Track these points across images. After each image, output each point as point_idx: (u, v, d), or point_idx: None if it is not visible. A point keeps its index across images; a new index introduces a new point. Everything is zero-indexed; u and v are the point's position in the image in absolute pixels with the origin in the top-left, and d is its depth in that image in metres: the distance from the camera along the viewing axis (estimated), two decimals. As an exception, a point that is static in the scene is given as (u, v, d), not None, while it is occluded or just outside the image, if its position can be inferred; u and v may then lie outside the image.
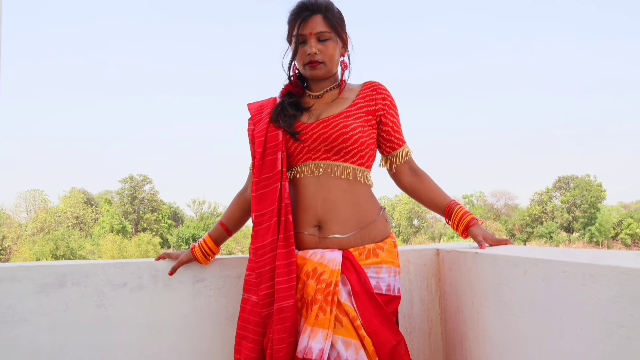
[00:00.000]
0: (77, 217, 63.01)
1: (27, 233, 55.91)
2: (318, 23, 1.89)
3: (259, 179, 1.90)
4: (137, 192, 67.04)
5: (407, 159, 2.03)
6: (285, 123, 1.91)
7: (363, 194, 1.91)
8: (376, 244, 1.89)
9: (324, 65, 1.92)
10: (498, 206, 66.94)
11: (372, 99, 1.96)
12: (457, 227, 1.97)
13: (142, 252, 46.01)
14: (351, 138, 1.86)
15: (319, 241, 1.87)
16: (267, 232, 1.85)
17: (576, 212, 62.07)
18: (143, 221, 65.46)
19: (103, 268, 2.12)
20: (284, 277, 1.79)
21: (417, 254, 2.17)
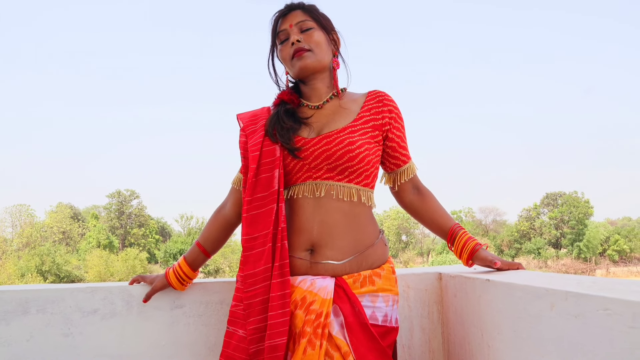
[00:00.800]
0: (63, 232, 62.37)
1: (13, 248, 55.19)
2: (297, 15, 1.78)
3: (252, 198, 1.71)
4: (124, 207, 66.56)
5: (411, 177, 1.87)
6: (283, 137, 1.72)
7: (364, 217, 1.74)
8: (373, 271, 1.70)
9: (312, 53, 1.75)
10: (486, 222, 67.09)
11: (379, 112, 1.79)
12: (461, 253, 1.80)
13: (129, 267, 45.47)
14: (357, 156, 1.69)
15: (310, 267, 1.68)
16: (260, 258, 1.66)
17: (564, 229, 62.32)
18: (130, 236, 64.89)
19: (71, 293, 1.94)
20: (278, 311, 1.59)
21: (418, 279, 1.99)
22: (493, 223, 66.87)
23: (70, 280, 46.04)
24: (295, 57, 1.75)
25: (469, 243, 1.79)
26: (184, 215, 64.08)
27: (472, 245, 1.78)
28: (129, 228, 65.54)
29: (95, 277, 44.00)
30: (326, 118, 1.78)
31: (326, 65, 1.80)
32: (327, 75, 1.83)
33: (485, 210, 67.37)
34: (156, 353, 1.95)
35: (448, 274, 1.90)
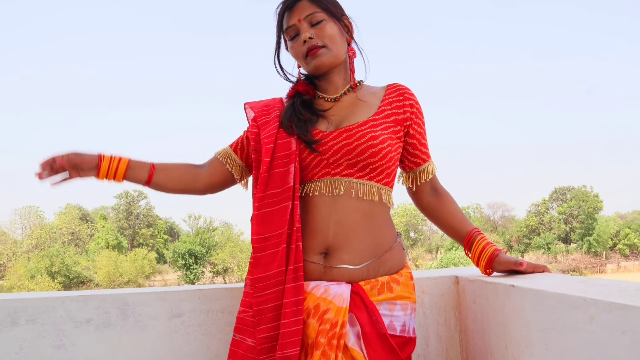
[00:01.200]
0: (72, 233, 62.55)
1: (23, 250, 55.42)
2: (305, 7, 1.63)
3: (265, 194, 1.57)
4: (132, 207, 66.63)
5: (431, 177, 1.74)
6: (300, 129, 1.59)
7: (382, 218, 1.61)
8: (390, 276, 1.57)
9: (327, 50, 1.62)
10: (495, 218, 66.68)
11: (400, 106, 1.67)
12: (479, 260, 1.68)
13: (137, 267, 45.52)
14: (380, 152, 1.56)
15: (324, 271, 1.55)
16: (273, 260, 1.52)
17: (573, 223, 61.86)
18: (139, 236, 64.99)
19: (63, 302, 1.81)
20: (291, 319, 1.46)
21: (433, 283, 1.85)
22: (502, 219, 66.46)
23: (79, 281, 46.18)
24: (310, 56, 1.62)
25: (488, 248, 1.66)
26: (192, 215, 64.04)
27: (491, 250, 1.65)
28: (137, 228, 65.67)
29: (104, 278, 44.11)
30: (344, 111, 1.65)
31: (341, 57, 1.67)
32: (344, 66, 1.70)
33: (494, 206, 66.99)
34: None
35: (466, 277, 1.76)
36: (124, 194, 66.48)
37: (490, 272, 1.68)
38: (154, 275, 49.90)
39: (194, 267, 45.65)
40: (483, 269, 1.67)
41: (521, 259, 1.62)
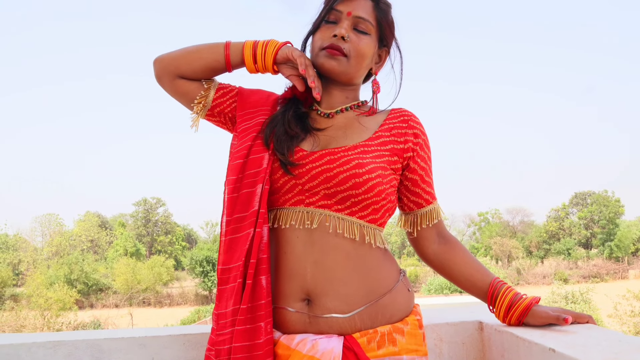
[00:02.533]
0: (91, 241, 63.11)
1: (43, 257, 55.98)
2: (365, 8, 1.41)
3: (231, 217, 1.36)
4: (150, 214, 67.02)
5: (436, 222, 1.48)
6: (280, 146, 1.36)
7: (373, 258, 1.36)
8: (393, 326, 1.33)
9: (346, 61, 1.39)
10: (514, 223, 65.79)
11: (401, 134, 1.43)
12: (508, 314, 1.44)
13: (155, 274, 45.54)
14: (365, 183, 1.32)
15: (309, 322, 1.31)
16: (231, 296, 1.31)
17: (594, 228, 60.90)
18: (157, 244, 65.30)
19: (29, 349, 1.61)
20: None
21: (453, 330, 1.59)
22: (521, 224, 65.56)
23: (98, 288, 46.36)
24: (327, 52, 1.40)
25: (519, 301, 1.41)
26: (210, 222, 64.21)
27: (525, 303, 1.40)
28: (155, 235, 66.00)
29: (122, 285, 44.23)
30: (336, 131, 1.42)
31: (354, 79, 1.45)
32: (354, 89, 1.49)
33: (513, 211, 66.08)
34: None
35: (493, 325, 1.50)
36: (142, 201, 66.94)
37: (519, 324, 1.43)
38: (172, 283, 49.94)
39: (212, 274, 45.63)
40: (515, 321, 1.43)
41: (565, 314, 1.36)
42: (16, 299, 41.61)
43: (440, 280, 31.12)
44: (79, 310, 35.79)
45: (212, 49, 1.47)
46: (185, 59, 1.47)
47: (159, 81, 1.52)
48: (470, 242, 64.03)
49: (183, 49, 1.49)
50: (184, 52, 1.48)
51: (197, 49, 1.48)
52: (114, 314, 34.01)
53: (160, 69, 1.50)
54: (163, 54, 1.51)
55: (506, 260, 54.60)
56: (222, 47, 1.46)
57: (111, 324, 29.63)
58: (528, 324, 1.42)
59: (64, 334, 1.69)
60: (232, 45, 1.47)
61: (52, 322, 26.91)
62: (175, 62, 1.48)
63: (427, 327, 1.58)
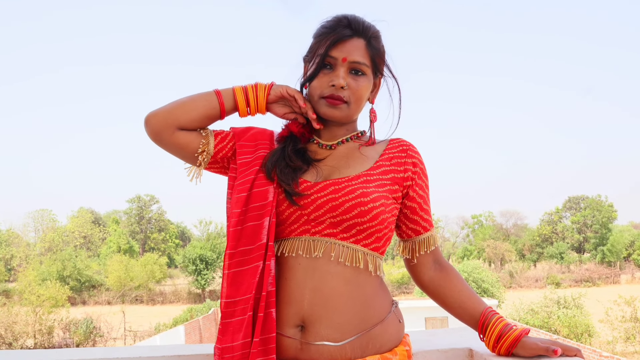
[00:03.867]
0: (84, 237, 62.95)
1: (36, 252, 55.79)
2: (359, 49, 1.44)
3: (235, 251, 1.39)
4: (144, 211, 66.83)
5: (433, 249, 1.54)
6: (284, 178, 1.40)
7: (370, 287, 1.41)
8: (381, 356, 1.37)
9: (347, 107, 1.44)
10: (507, 226, 66.00)
11: (401, 164, 1.48)
12: (498, 343, 1.48)
13: (148, 272, 45.43)
14: (370, 212, 1.37)
15: (301, 348, 1.35)
16: (240, 329, 1.34)
17: (587, 233, 61.14)
18: (150, 241, 65.13)
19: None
20: None
21: (443, 357, 1.65)
22: (514, 227, 65.77)
23: (91, 285, 46.23)
24: (328, 102, 1.44)
25: (510, 332, 1.45)
26: (203, 220, 64.10)
27: (515, 334, 1.45)
28: (149, 233, 65.81)
29: (115, 282, 44.11)
30: (337, 161, 1.47)
31: (356, 117, 1.51)
32: (353, 122, 1.53)
33: (506, 214, 66.28)
34: None
35: (482, 354, 1.55)
36: (136, 198, 66.71)
37: (508, 354, 1.48)
38: (165, 280, 49.86)
39: (205, 273, 45.54)
40: (504, 350, 1.48)
41: (554, 346, 1.42)
42: (8, 295, 41.45)
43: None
44: (71, 307, 35.66)
45: (205, 97, 1.49)
46: (182, 109, 1.47)
47: (156, 136, 1.49)
48: (464, 245, 64.14)
49: (175, 101, 1.49)
50: (179, 104, 1.48)
51: (191, 99, 1.49)
52: (106, 311, 33.97)
53: (158, 123, 1.47)
54: (154, 110, 1.48)
55: (499, 263, 54.78)
56: (214, 95, 1.49)
57: (103, 322, 29.55)
58: (517, 355, 1.46)
59: (59, 353, 1.73)
60: (223, 92, 1.50)
61: (44, 319, 26.83)
62: (172, 114, 1.47)
63: (418, 354, 1.63)
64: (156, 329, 28.21)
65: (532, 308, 24.58)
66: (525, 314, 24.24)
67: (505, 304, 28.71)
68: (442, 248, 65.14)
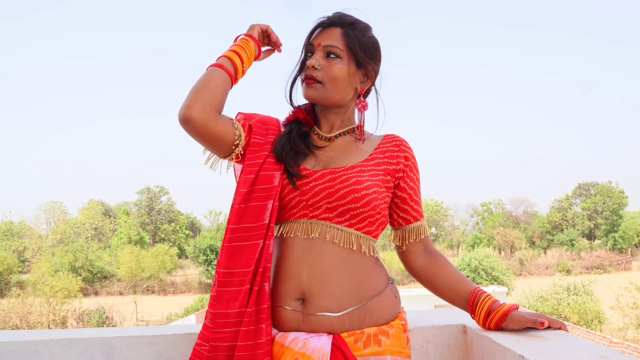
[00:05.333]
0: (95, 229, 63.40)
1: (47, 244, 56.29)
2: (333, 36, 1.55)
3: (237, 227, 1.49)
4: (154, 203, 67.25)
5: (422, 237, 1.62)
6: (290, 159, 1.50)
7: (366, 265, 1.50)
8: (379, 328, 1.46)
9: (322, 87, 1.53)
10: (517, 214, 65.84)
11: (394, 157, 1.58)
12: (487, 318, 1.55)
13: (159, 262, 45.75)
14: (363, 198, 1.47)
15: (302, 319, 1.44)
16: (235, 298, 1.44)
17: (598, 219, 60.89)
18: (160, 232, 65.59)
19: (46, 345, 1.73)
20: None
21: (439, 332, 1.71)
22: (524, 214, 65.61)
23: (102, 276, 46.65)
24: (305, 83, 1.57)
25: (499, 308, 1.52)
26: (213, 210, 64.44)
27: (504, 309, 1.52)
28: (159, 224, 66.26)
29: (126, 273, 44.46)
30: (335, 153, 1.57)
31: (339, 102, 1.57)
32: (345, 111, 1.61)
33: (516, 201, 66.11)
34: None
35: (475, 329, 1.62)
36: (146, 189, 67.12)
37: (498, 328, 1.54)
38: (176, 271, 50.21)
39: (215, 263, 45.73)
40: (494, 325, 1.54)
41: (541, 318, 1.48)
42: (22, 286, 41.90)
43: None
44: (83, 298, 36.04)
45: (216, 75, 1.52)
46: (210, 93, 1.48)
47: (201, 128, 1.47)
48: (473, 233, 64.11)
49: (197, 90, 1.48)
50: (205, 89, 1.49)
51: (207, 81, 1.50)
52: (118, 301, 34.25)
53: (203, 113, 1.46)
54: (186, 104, 1.46)
55: (509, 250, 54.74)
56: (220, 70, 1.53)
57: (116, 312, 29.83)
58: (507, 328, 1.53)
59: (79, 332, 1.81)
60: (223, 62, 1.54)
61: (58, 309, 27.14)
62: (207, 100, 1.48)
63: (414, 330, 1.70)
64: (168, 318, 28.48)
65: (541, 295, 24.55)
66: (535, 301, 24.22)
67: (515, 292, 28.70)
68: (452, 236, 65.78)
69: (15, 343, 1.72)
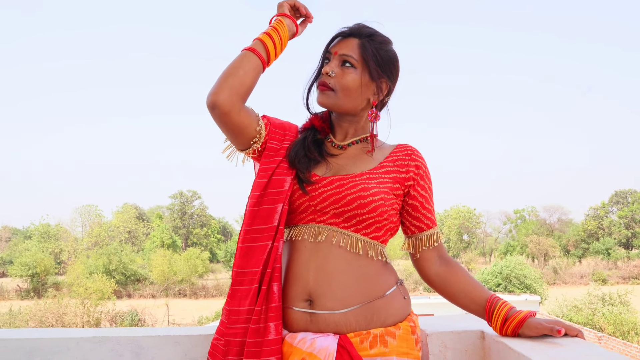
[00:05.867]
0: (129, 232, 64.47)
1: (83, 247, 57.45)
2: (350, 46, 1.59)
3: (250, 228, 1.55)
4: (186, 207, 68.13)
5: (436, 245, 1.64)
6: (301, 166, 1.56)
7: (373, 267, 1.53)
8: (385, 329, 1.48)
9: (333, 95, 1.58)
10: (551, 221, 64.75)
11: (404, 165, 1.61)
12: (504, 326, 1.55)
13: (191, 266, 46.30)
14: (369, 204, 1.50)
15: (310, 320, 1.49)
16: (246, 297, 1.51)
17: (635, 228, 59.51)
18: (193, 236, 66.38)
19: (77, 343, 1.80)
20: (250, 358, 1.45)
21: (457, 338, 1.72)
22: (558, 222, 64.48)
23: (135, 279, 47.37)
24: (319, 89, 1.61)
25: (516, 314, 1.53)
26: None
27: (521, 316, 1.52)
28: (191, 228, 67.08)
29: (159, 276, 45.07)
30: (346, 161, 1.62)
31: (350, 110, 1.62)
32: (358, 120, 1.65)
33: (550, 209, 65.01)
34: (167, 410, 1.77)
35: (492, 335, 1.62)
36: (179, 194, 68.02)
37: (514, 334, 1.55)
38: (207, 275, 50.73)
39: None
40: (511, 332, 1.54)
41: (558, 326, 1.47)
42: (58, 287, 42.87)
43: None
44: (117, 300, 36.68)
45: (247, 60, 1.56)
46: (238, 80, 1.52)
47: (226, 115, 1.52)
48: (506, 240, 63.20)
49: (226, 76, 1.52)
50: (233, 76, 1.53)
51: (236, 68, 1.54)
52: (150, 304, 34.79)
53: (229, 99, 1.51)
54: (213, 90, 1.51)
55: (542, 259, 53.82)
56: (251, 55, 1.56)
57: (148, 314, 30.32)
58: (523, 335, 1.53)
59: (108, 331, 1.89)
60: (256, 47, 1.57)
61: (92, 310, 27.73)
62: (239, 84, 1.52)
63: (433, 335, 1.72)
64: (199, 322, 28.81)
65: (575, 305, 24.10)
66: (569, 311, 23.79)
67: (547, 301, 28.24)
68: (484, 243, 64.84)
69: (48, 340, 1.80)
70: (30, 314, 27.00)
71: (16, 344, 1.78)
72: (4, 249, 62.23)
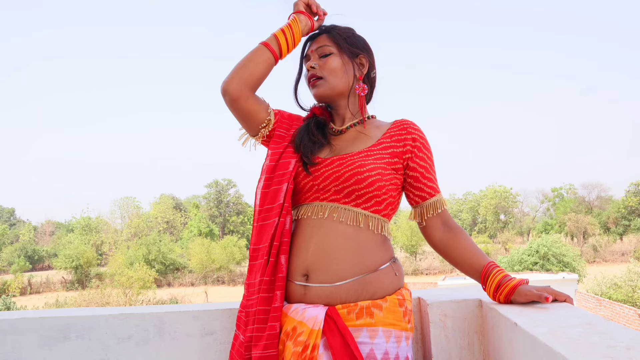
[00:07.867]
0: (167, 222, 65.73)
1: (123, 238, 58.86)
2: (320, 40, 1.78)
3: (262, 208, 1.70)
4: (222, 196, 68.99)
5: (440, 212, 1.71)
6: (306, 149, 1.70)
7: (372, 243, 1.62)
8: (372, 301, 1.57)
9: (325, 82, 1.72)
10: (590, 199, 63.22)
11: (401, 139, 1.70)
12: (495, 293, 1.62)
13: (228, 254, 46.99)
14: (366, 179, 1.60)
15: (304, 293, 1.61)
16: (258, 270, 1.66)
17: (680, 204, 57.77)
18: (229, 224, 67.28)
19: (106, 320, 1.96)
20: (259, 325, 1.60)
21: (456, 306, 1.80)
22: (597, 199, 62.90)
23: (175, 268, 48.29)
24: (310, 85, 1.76)
25: (508, 282, 1.59)
26: (279, 202, 65.28)
27: (514, 283, 1.58)
28: (227, 216, 67.96)
29: (197, 265, 45.86)
30: (346, 142, 1.74)
31: (343, 91, 1.75)
32: (351, 100, 1.77)
33: (589, 186, 63.45)
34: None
35: (489, 303, 1.70)
36: (214, 183, 68.83)
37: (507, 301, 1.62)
38: (244, 262, 51.42)
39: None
40: (503, 299, 1.61)
41: (547, 293, 1.53)
42: (100, 278, 44.10)
43: (508, 258, 30.61)
44: (157, 289, 37.54)
45: (260, 53, 1.72)
46: (248, 71, 1.70)
47: (235, 101, 1.70)
48: (544, 219, 62.17)
49: (238, 67, 1.70)
50: (244, 66, 1.70)
51: (248, 60, 1.71)
52: (190, 292, 35.53)
53: (238, 86, 1.69)
54: (227, 78, 1.70)
55: (581, 237, 52.84)
56: (264, 49, 1.73)
57: (188, 302, 30.93)
58: (515, 302, 1.59)
59: (134, 308, 2.03)
60: (269, 41, 1.74)
61: (134, 299, 28.45)
62: (249, 74, 1.69)
63: (434, 305, 1.80)
64: (237, 308, 29.22)
65: (615, 282, 23.68)
66: (608, 289, 23.40)
67: (586, 279, 27.78)
68: (522, 223, 63.80)
69: (81, 317, 1.95)
70: (75, 304, 27.88)
71: (53, 322, 1.95)
72: (49, 243, 64.20)
